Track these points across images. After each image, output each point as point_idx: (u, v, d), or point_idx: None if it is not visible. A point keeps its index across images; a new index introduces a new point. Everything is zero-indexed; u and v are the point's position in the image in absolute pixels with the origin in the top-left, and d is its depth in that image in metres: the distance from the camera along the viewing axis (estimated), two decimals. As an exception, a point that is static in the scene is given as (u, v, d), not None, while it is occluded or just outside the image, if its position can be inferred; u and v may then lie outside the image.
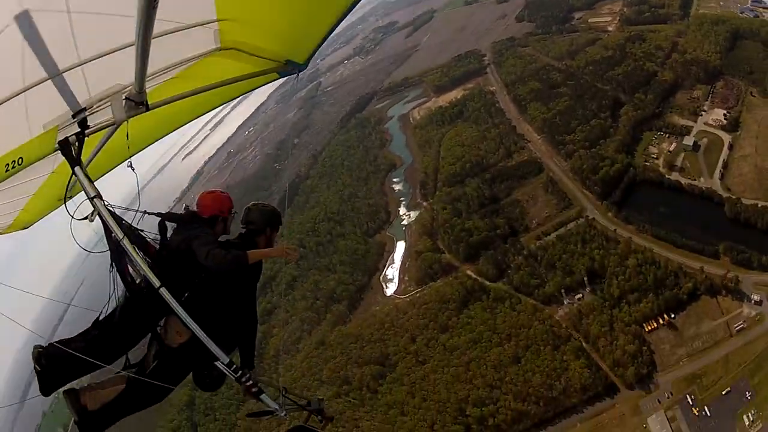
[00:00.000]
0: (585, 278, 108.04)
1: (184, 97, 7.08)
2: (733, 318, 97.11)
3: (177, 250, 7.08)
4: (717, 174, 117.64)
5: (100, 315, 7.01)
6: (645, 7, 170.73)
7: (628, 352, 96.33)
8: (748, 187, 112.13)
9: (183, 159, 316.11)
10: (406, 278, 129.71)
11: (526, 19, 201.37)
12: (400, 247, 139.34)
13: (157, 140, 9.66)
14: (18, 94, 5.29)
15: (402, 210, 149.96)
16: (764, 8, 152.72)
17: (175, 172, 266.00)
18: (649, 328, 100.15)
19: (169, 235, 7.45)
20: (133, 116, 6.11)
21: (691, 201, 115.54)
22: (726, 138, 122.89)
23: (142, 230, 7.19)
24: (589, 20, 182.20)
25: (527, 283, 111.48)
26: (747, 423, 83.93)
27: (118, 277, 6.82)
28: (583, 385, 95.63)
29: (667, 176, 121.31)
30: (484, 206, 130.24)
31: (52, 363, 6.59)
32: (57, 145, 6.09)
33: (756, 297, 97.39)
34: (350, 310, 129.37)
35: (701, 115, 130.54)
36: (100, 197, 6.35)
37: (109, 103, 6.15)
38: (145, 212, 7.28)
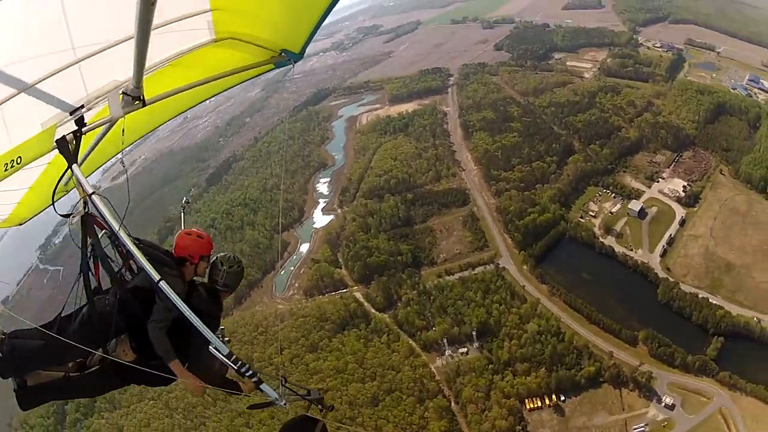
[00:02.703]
0: (474, 332, 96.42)
1: (179, 92, 7.18)
2: (635, 417, 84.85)
3: (143, 287, 7.17)
4: (659, 249, 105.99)
5: (62, 312, 7.35)
6: (630, 62, 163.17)
7: (499, 427, 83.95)
8: (692, 271, 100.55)
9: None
10: (296, 284, 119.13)
11: (505, 48, 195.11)
12: (304, 249, 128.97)
13: (150, 131, 10.40)
14: (17, 95, 5.32)
15: (317, 212, 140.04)
16: (760, 89, 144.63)
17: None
18: (531, 406, 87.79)
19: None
20: (129, 112, 6.22)
21: (621, 273, 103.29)
22: (679, 212, 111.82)
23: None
24: (567, 63, 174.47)
25: (412, 321, 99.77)
26: None
27: (104, 277, 7.34)
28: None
29: (600, 239, 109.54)
30: (396, 227, 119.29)
31: (12, 353, 7.09)
32: (55, 144, 6.17)
33: (669, 400, 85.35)
34: (235, 304, 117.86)
35: (658, 181, 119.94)
36: (98, 194, 6.37)
37: (105, 100, 6.26)
38: (122, 224, 6.73)
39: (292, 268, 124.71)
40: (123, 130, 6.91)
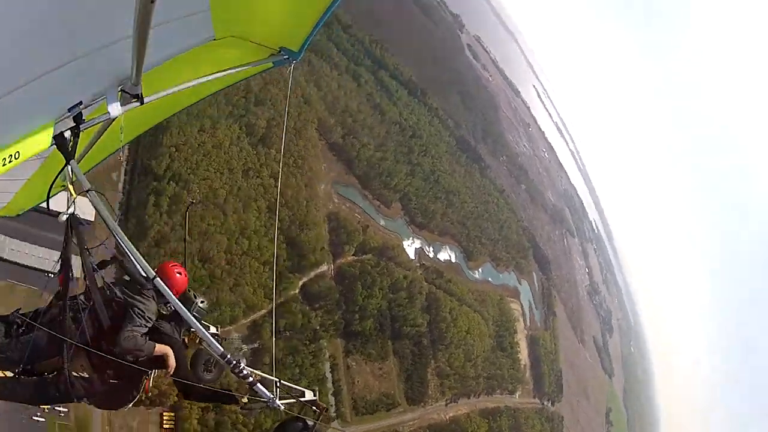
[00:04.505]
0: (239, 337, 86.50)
1: (177, 90, 7.10)
2: None
3: (114, 296, 7.00)
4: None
5: (19, 308, 7.09)
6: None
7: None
8: None
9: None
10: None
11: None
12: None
13: (148, 128, 10.15)
14: (16, 90, 5.09)
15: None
16: None
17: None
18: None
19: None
20: (127, 110, 6.14)
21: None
22: None
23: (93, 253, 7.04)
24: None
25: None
26: None
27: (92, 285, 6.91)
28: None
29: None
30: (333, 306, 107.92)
31: None
32: (53, 140, 6.07)
33: None
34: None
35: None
36: (95, 190, 6.35)
37: (104, 97, 6.15)
38: (117, 221, 7.16)
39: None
40: (121, 128, 6.72)
